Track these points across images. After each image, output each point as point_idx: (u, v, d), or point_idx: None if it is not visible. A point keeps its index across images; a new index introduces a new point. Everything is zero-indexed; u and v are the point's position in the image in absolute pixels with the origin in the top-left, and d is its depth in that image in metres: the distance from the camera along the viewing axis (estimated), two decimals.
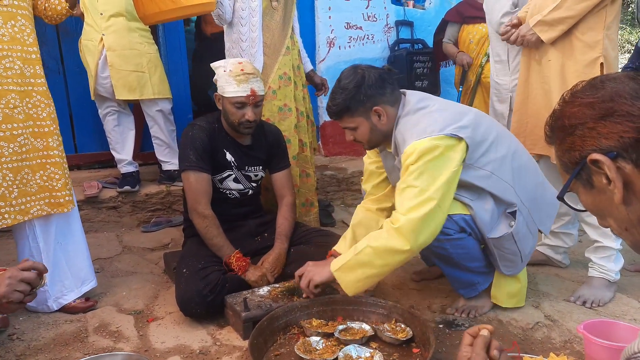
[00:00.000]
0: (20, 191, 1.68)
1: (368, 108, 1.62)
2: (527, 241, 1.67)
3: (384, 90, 1.62)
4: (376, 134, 1.67)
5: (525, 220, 1.64)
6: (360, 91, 1.59)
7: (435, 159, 1.48)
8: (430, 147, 1.48)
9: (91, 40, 2.70)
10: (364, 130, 1.66)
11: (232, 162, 2.04)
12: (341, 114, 1.65)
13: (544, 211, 1.71)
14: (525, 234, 1.65)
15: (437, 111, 1.59)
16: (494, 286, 1.75)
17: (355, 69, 1.64)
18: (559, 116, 0.81)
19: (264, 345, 1.52)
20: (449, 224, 1.59)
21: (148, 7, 1.91)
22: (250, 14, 2.33)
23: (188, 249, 2.01)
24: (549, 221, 1.74)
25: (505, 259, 1.67)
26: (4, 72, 1.62)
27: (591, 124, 0.75)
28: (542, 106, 1.91)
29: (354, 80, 1.60)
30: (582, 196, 0.81)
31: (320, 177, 3.22)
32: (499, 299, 1.76)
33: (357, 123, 1.65)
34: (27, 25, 1.70)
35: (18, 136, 1.66)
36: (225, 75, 1.92)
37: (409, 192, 1.49)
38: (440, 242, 1.60)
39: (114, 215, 2.85)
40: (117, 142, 2.90)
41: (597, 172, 0.75)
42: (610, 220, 0.80)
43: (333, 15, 3.75)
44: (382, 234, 1.52)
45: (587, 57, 1.78)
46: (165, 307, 1.89)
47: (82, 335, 1.70)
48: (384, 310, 1.67)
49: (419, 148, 1.49)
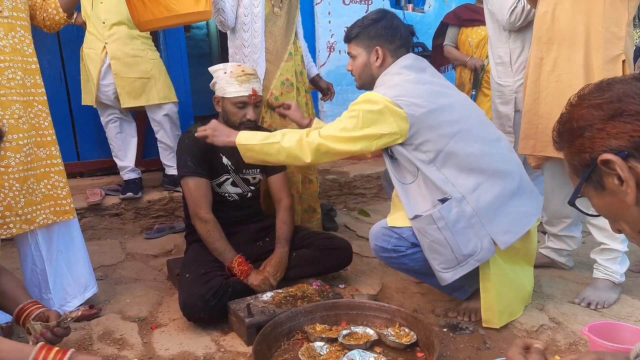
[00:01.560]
0: (27, 201, 1.69)
1: (372, 45, 1.73)
2: (465, 238, 1.55)
3: (394, 38, 1.72)
4: (367, 72, 1.76)
5: (463, 216, 1.55)
6: (374, 26, 1.73)
7: (372, 111, 1.57)
8: (374, 100, 1.58)
9: (93, 49, 2.71)
10: (360, 62, 1.76)
11: (229, 165, 2.05)
12: (350, 38, 1.79)
13: (503, 224, 1.58)
14: (461, 229, 1.55)
15: (408, 82, 1.65)
16: (483, 310, 1.66)
17: (385, 11, 1.79)
18: (567, 119, 0.80)
19: (268, 351, 1.52)
20: (399, 242, 1.63)
21: (143, 14, 1.92)
22: (253, 20, 2.34)
23: (190, 254, 2.01)
24: (507, 236, 1.58)
25: (432, 249, 1.58)
26: (7, 82, 1.63)
27: (600, 125, 0.74)
28: (554, 106, 1.84)
29: (376, 16, 1.75)
30: (594, 199, 0.80)
31: (323, 181, 3.22)
32: (491, 321, 1.66)
33: (358, 53, 1.76)
34: (26, 36, 1.71)
35: (24, 146, 1.67)
36: (226, 76, 1.96)
37: (337, 123, 1.63)
38: (396, 259, 1.65)
39: (116, 222, 2.86)
40: (119, 149, 2.91)
41: (608, 173, 0.74)
42: (622, 224, 0.79)
43: (333, 20, 3.76)
44: (294, 139, 1.65)
45: (609, 53, 1.72)
46: (169, 314, 1.90)
47: (86, 343, 1.70)
48: (388, 315, 1.67)
49: (366, 95, 1.62)
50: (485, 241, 1.57)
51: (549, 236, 2.16)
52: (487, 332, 1.67)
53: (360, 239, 2.68)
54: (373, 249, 1.70)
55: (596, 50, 1.73)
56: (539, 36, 1.89)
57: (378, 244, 1.67)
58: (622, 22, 1.70)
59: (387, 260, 1.69)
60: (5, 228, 1.64)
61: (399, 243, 1.63)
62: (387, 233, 1.66)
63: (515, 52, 2.34)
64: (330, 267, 2.07)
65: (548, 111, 1.88)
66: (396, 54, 1.73)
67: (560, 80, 1.83)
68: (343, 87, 3.80)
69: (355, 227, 2.84)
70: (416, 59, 1.73)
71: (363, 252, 2.44)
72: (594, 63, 1.74)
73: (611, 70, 1.69)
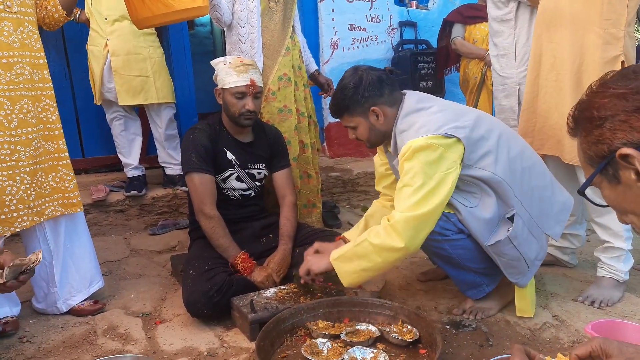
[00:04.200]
0: (37, 193, 1.71)
1: (366, 108, 1.66)
2: (530, 246, 1.62)
3: (382, 91, 1.65)
4: (375, 133, 1.71)
5: (525, 225, 1.60)
6: (358, 92, 1.64)
7: (430, 157, 1.49)
8: (425, 146, 1.49)
9: (96, 46, 2.72)
10: (363, 129, 1.70)
11: (233, 160, 2.05)
12: (341, 113, 1.71)
13: (552, 216, 1.66)
14: (527, 238, 1.60)
15: (435, 112, 1.60)
16: (517, 299, 1.71)
17: (356, 70, 1.69)
18: (587, 107, 0.76)
19: (271, 347, 1.52)
20: (447, 225, 1.60)
21: (141, 11, 1.92)
22: (249, 15, 2.34)
23: (194, 251, 2.02)
24: (558, 226, 1.68)
25: (509, 265, 1.63)
26: (16, 77, 1.65)
27: (623, 116, 0.71)
28: (552, 105, 1.85)
29: (352, 82, 1.66)
30: (606, 191, 0.78)
31: (326, 178, 3.23)
32: (525, 310, 1.71)
33: (356, 122, 1.70)
34: (34, 31, 1.73)
35: (32, 140, 1.69)
36: (225, 68, 1.97)
37: (405, 191, 1.50)
38: (438, 242, 1.62)
39: (121, 219, 2.87)
40: (124, 147, 2.92)
41: (625, 167, 0.72)
42: (632, 217, 0.78)
43: (336, 17, 3.76)
44: (380, 231, 1.53)
45: (607, 55, 1.69)
46: (172, 309, 1.91)
47: (91, 338, 1.71)
48: (391, 312, 1.67)
49: (413, 146, 1.50)
50: (542, 240, 1.64)
51: None
52: (490, 329, 1.68)
53: None
54: None
55: (594, 51, 1.72)
56: (538, 33, 1.88)
57: None
58: (621, 23, 1.68)
59: (426, 242, 1.61)
60: (19, 221, 1.66)
61: (446, 226, 1.60)
62: None
63: (520, 42, 2.31)
64: None
65: (546, 109, 1.88)
66: (391, 100, 1.67)
67: (559, 80, 1.82)
68: None
69: None
70: (416, 93, 1.72)
71: None
72: (590, 65, 1.73)
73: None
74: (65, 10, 1.86)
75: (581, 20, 1.74)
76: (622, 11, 1.68)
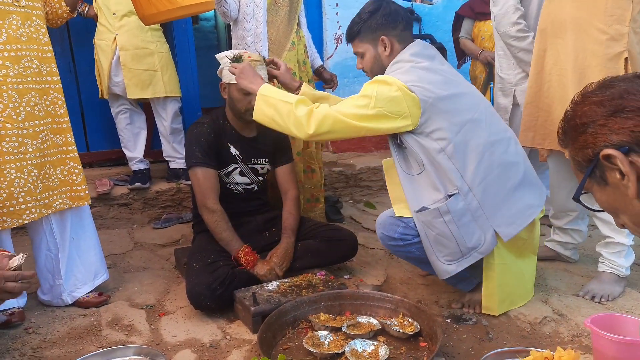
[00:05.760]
0: (44, 186, 1.73)
1: (377, 36, 1.70)
2: (468, 231, 1.57)
3: (396, 24, 1.69)
4: (378, 64, 1.74)
5: (469, 210, 1.57)
6: (373, 17, 1.69)
7: (387, 93, 1.54)
8: (390, 81, 1.55)
9: (104, 40, 2.74)
10: (369, 57, 1.74)
11: (237, 155, 2.06)
12: (353, 37, 1.75)
13: (506, 215, 1.59)
14: (466, 223, 1.57)
15: (419, 68, 1.63)
16: (484, 296, 1.69)
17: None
18: (571, 117, 0.83)
19: (273, 339, 1.54)
20: (406, 230, 1.65)
21: (146, 8, 1.94)
22: (255, 10, 2.35)
23: (197, 244, 2.04)
24: (511, 228, 1.59)
25: (438, 241, 1.60)
26: (24, 71, 1.66)
27: (602, 121, 0.77)
28: (555, 99, 1.83)
29: (371, 7, 1.70)
30: (597, 194, 0.83)
31: (329, 173, 3.23)
32: (491, 308, 1.70)
33: (365, 49, 1.73)
34: (41, 25, 1.74)
35: (40, 133, 1.71)
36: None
37: (349, 100, 1.61)
38: (404, 247, 1.67)
39: (125, 212, 2.89)
40: (129, 140, 2.95)
41: (610, 168, 0.77)
42: (624, 218, 0.81)
43: (340, 12, 3.75)
44: (306, 108, 1.61)
45: (610, 51, 1.68)
46: (176, 301, 1.93)
47: (95, 329, 1.74)
48: (392, 305, 1.68)
49: (379, 78, 1.59)
50: (488, 234, 1.59)
51: (554, 229, 2.15)
52: (490, 322, 1.69)
53: (366, 230, 2.70)
54: (380, 238, 1.72)
55: (597, 47, 1.71)
56: (543, 28, 1.87)
57: (385, 232, 1.68)
58: (625, 19, 1.67)
59: (393, 249, 1.71)
60: (27, 213, 1.68)
61: (406, 232, 1.65)
62: (394, 222, 1.67)
63: None
64: (335, 258, 2.08)
65: (549, 104, 1.87)
66: (402, 38, 1.71)
67: (562, 75, 1.82)
68: (350, 79, 3.79)
69: (361, 219, 2.86)
70: (425, 47, 1.73)
71: (368, 244, 2.45)
72: (594, 60, 1.72)
73: (612, 69, 1.67)
74: (68, 7, 1.87)
75: (585, 16, 1.73)
76: (627, 7, 1.67)
